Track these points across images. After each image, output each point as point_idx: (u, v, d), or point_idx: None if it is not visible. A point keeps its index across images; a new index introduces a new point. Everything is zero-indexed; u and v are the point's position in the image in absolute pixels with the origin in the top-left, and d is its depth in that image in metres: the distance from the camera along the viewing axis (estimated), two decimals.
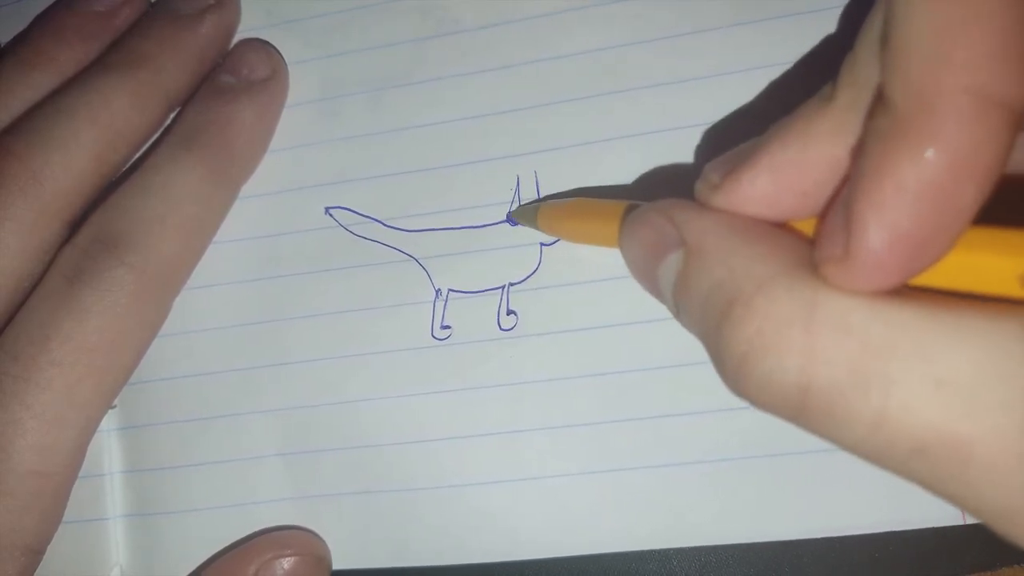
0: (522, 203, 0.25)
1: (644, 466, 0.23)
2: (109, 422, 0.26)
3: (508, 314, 0.25)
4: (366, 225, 0.26)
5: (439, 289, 0.25)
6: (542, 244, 0.25)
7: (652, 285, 0.18)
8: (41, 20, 0.28)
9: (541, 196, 0.25)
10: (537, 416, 0.24)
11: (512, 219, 0.25)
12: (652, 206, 0.18)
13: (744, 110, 0.24)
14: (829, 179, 0.16)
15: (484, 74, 0.26)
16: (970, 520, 0.22)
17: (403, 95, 0.26)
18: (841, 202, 0.14)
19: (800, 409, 0.14)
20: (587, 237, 0.22)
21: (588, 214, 0.21)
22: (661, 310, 0.23)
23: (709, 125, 0.24)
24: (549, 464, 0.24)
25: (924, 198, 0.13)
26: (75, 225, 0.24)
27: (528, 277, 0.25)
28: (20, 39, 0.28)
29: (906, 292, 0.14)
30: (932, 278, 0.14)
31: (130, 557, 0.26)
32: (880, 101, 0.14)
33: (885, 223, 0.13)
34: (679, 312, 0.17)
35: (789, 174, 0.16)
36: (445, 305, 0.25)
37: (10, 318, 0.23)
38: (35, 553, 0.23)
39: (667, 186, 0.24)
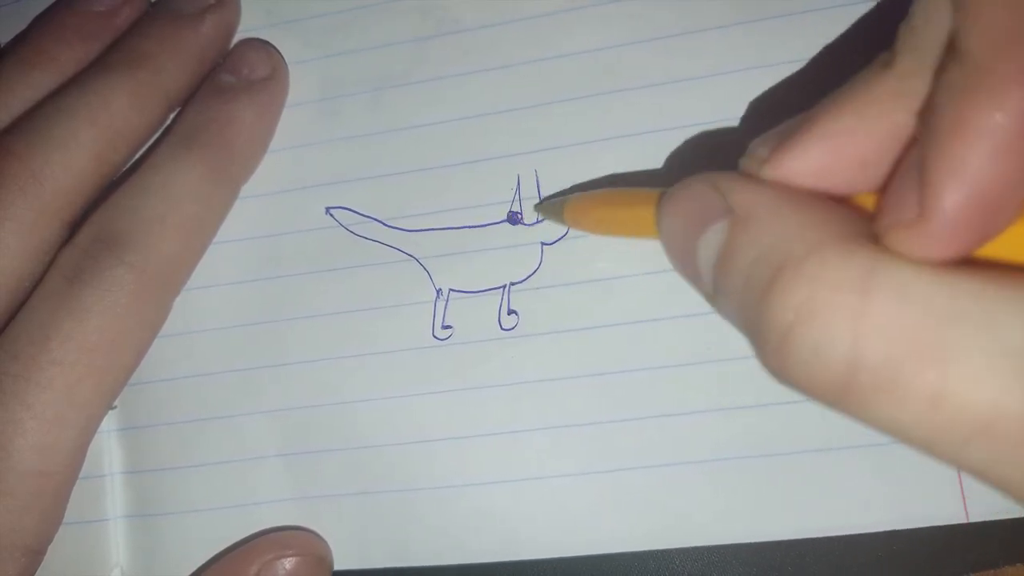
0: (543, 199, 0.25)
1: (644, 466, 0.23)
2: (109, 423, 0.26)
3: (509, 314, 0.25)
4: (366, 225, 0.26)
5: (440, 289, 0.25)
6: (543, 244, 0.25)
7: (690, 262, 0.17)
8: (41, 20, 0.28)
9: (541, 196, 0.25)
10: (538, 416, 0.24)
11: (513, 214, 0.25)
12: (695, 177, 0.17)
13: (744, 110, 0.24)
14: (889, 148, 0.15)
15: (484, 74, 0.26)
16: (974, 518, 0.22)
17: (403, 95, 0.26)
18: (910, 166, 0.13)
19: (846, 388, 0.13)
20: (620, 227, 0.21)
21: (621, 202, 0.21)
22: (661, 310, 0.24)
23: (709, 125, 0.24)
24: (549, 464, 0.24)
25: (1005, 150, 0.12)
26: (75, 225, 0.24)
27: (529, 277, 0.25)
28: (20, 39, 0.28)
29: (966, 264, 0.13)
30: (994, 249, 0.13)
31: (130, 558, 0.26)
32: (953, 53, 0.13)
33: (964, 180, 0.12)
34: (717, 291, 0.16)
35: (846, 143, 0.15)
36: (446, 305, 0.25)
37: (10, 318, 0.23)
38: (35, 553, 0.23)
39: (669, 184, 0.24)
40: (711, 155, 0.24)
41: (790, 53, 0.24)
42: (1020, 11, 0.12)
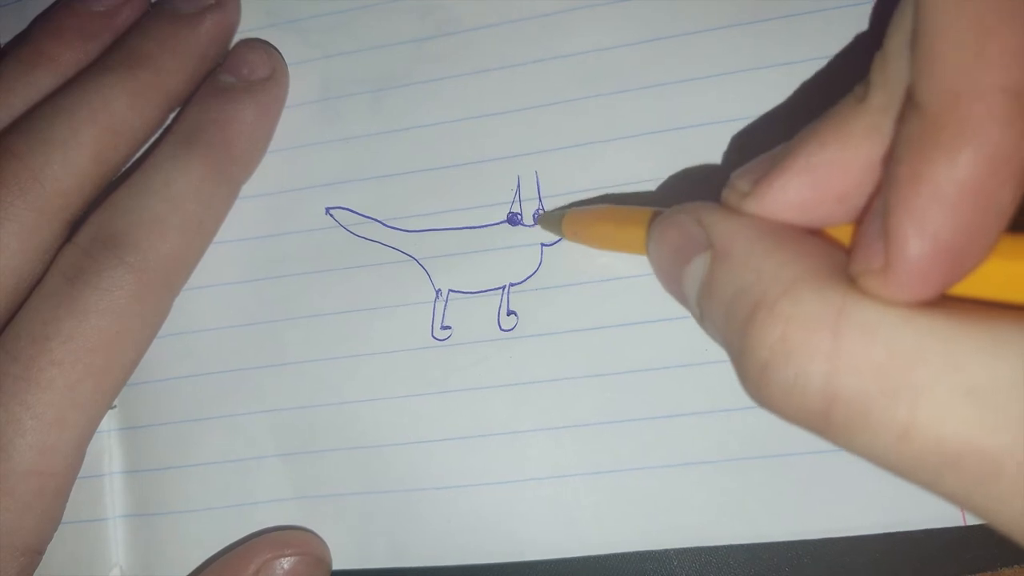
0: (545, 209, 0.25)
1: (644, 466, 0.23)
2: (109, 422, 0.26)
3: (508, 314, 0.25)
4: (366, 225, 0.26)
5: (439, 289, 0.25)
6: (543, 244, 0.25)
7: (677, 289, 0.18)
8: (41, 20, 0.28)
9: (541, 196, 0.25)
10: (537, 417, 0.24)
11: (512, 215, 0.25)
12: (680, 208, 0.18)
13: (744, 110, 0.24)
14: (866, 182, 0.15)
15: (484, 74, 0.26)
16: (971, 521, 0.22)
17: (403, 95, 0.26)
18: (876, 212, 0.14)
19: (825, 419, 0.13)
20: (613, 243, 0.22)
21: (615, 220, 0.21)
22: (661, 311, 0.24)
23: (709, 125, 0.24)
24: (549, 465, 0.24)
25: (962, 203, 0.12)
26: (75, 225, 0.24)
27: (528, 277, 0.25)
28: (20, 39, 0.28)
29: (937, 300, 0.13)
30: (966, 287, 0.14)
31: (130, 557, 0.26)
32: (911, 104, 0.13)
33: (924, 233, 0.13)
34: (703, 318, 0.17)
35: (824, 178, 0.16)
36: (445, 305, 0.25)
37: (10, 318, 0.23)
38: (35, 553, 0.23)
39: (669, 185, 0.24)
40: (711, 155, 0.24)
41: (790, 53, 0.24)
42: (977, 64, 0.12)
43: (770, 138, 0.18)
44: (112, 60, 0.25)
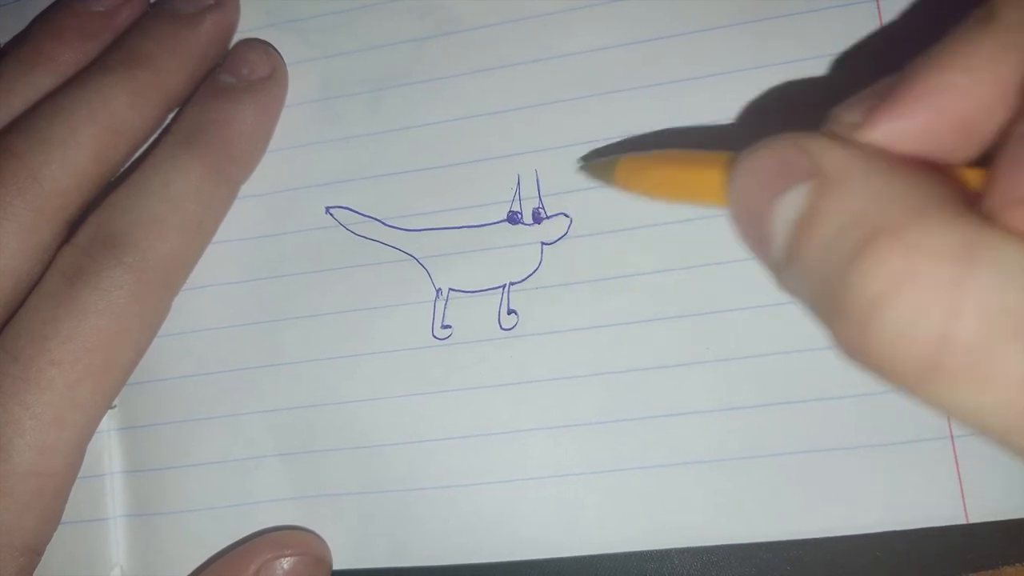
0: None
1: (645, 465, 0.23)
2: (109, 422, 0.26)
3: (509, 313, 0.25)
4: (366, 225, 0.26)
5: (439, 289, 0.25)
6: (543, 243, 0.25)
7: (760, 226, 0.16)
8: (41, 20, 0.28)
9: (541, 195, 0.25)
10: (537, 416, 0.24)
11: (512, 214, 0.25)
12: (777, 136, 0.16)
13: (744, 110, 0.24)
14: (996, 108, 0.14)
15: (484, 74, 0.26)
16: (972, 519, 0.22)
17: (403, 95, 0.26)
18: (1021, 136, 0.13)
19: (931, 367, 0.12)
20: (677, 190, 0.20)
21: (682, 164, 0.19)
22: (661, 310, 0.24)
23: (709, 124, 0.24)
24: (549, 464, 0.24)
25: None
26: (74, 224, 0.24)
27: (529, 276, 0.25)
28: (20, 39, 0.28)
29: None
30: None
31: (130, 557, 0.26)
32: None
33: None
34: (790, 260, 0.15)
35: (951, 102, 0.14)
36: (445, 305, 0.25)
37: (9, 318, 0.23)
38: (34, 553, 0.23)
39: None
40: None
41: (790, 53, 0.24)
42: None
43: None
44: (112, 60, 0.25)
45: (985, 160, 0.15)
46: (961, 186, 0.14)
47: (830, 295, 0.13)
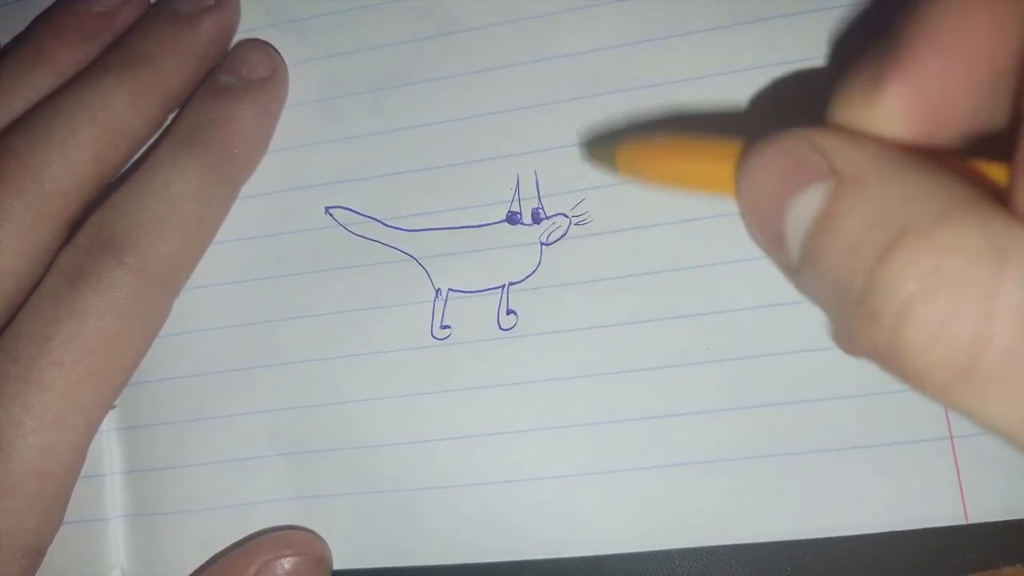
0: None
1: (644, 466, 0.23)
2: (109, 422, 0.26)
3: (508, 314, 0.25)
4: (366, 225, 0.26)
5: (439, 289, 0.25)
6: (542, 243, 0.25)
7: (773, 226, 0.15)
8: (41, 20, 0.28)
9: (541, 195, 0.25)
10: (537, 416, 0.24)
11: (512, 214, 0.25)
12: (789, 132, 0.15)
13: (743, 110, 0.24)
14: (1009, 79, 0.14)
15: (484, 74, 0.26)
16: (972, 520, 0.22)
17: (403, 95, 0.26)
18: None
19: (965, 373, 0.12)
20: (684, 180, 0.19)
21: (690, 152, 0.19)
22: (661, 311, 0.24)
23: (709, 124, 0.24)
24: (549, 464, 0.24)
25: None
26: (75, 225, 0.24)
27: (528, 277, 0.25)
28: (20, 39, 0.28)
29: None
30: None
31: (130, 558, 0.26)
32: None
33: None
34: (807, 260, 0.14)
35: (959, 66, 0.14)
36: (445, 305, 0.25)
37: (10, 318, 0.23)
38: (36, 554, 0.23)
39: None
40: None
41: (790, 53, 0.24)
42: None
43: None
44: (112, 60, 0.25)
45: (992, 145, 0.14)
46: (983, 180, 0.14)
47: (854, 298, 0.13)
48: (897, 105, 0.14)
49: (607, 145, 0.22)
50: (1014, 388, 0.11)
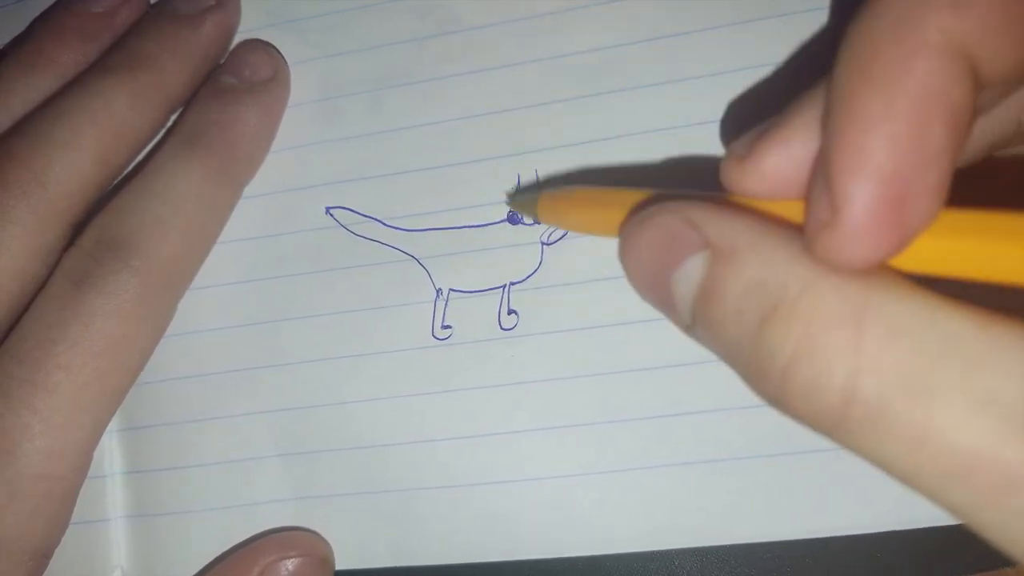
0: (516, 190, 0.25)
1: (645, 466, 0.23)
2: (110, 423, 0.26)
3: (509, 314, 0.25)
4: (366, 225, 0.26)
5: (440, 289, 0.25)
6: (543, 243, 0.25)
7: (661, 295, 0.17)
8: (41, 21, 0.28)
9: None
10: (538, 416, 0.24)
11: (512, 214, 0.25)
12: (660, 207, 0.16)
13: (744, 109, 0.24)
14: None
15: (484, 74, 0.26)
16: None
17: (403, 95, 0.26)
18: (819, 169, 0.14)
19: (842, 419, 0.13)
20: (593, 229, 0.20)
21: (593, 203, 0.20)
22: None
23: (708, 124, 0.24)
24: (550, 464, 0.24)
25: (897, 136, 0.12)
26: (78, 227, 0.24)
27: (529, 276, 0.25)
28: (20, 40, 0.28)
29: (958, 302, 0.13)
30: (909, 260, 0.14)
31: (131, 559, 0.26)
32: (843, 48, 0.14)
33: (864, 167, 0.13)
34: (699, 323, 0.16)
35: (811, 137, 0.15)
36: (446, 305, 0.25)
37: (15, 321, 0.23)
38: (43, 557, 0.23)
39: (668, 183, 0.24)
40: (707, 153, 0.24)
41: (789, 53, 0.24)
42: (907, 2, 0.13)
43: None
44: (112, 61, 0.25)
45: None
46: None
47: (744, 356, 0.15)
48: (768, 170, 0.16)
49: (528, 196, 0.23)
50: (880, 431, 0.13)
